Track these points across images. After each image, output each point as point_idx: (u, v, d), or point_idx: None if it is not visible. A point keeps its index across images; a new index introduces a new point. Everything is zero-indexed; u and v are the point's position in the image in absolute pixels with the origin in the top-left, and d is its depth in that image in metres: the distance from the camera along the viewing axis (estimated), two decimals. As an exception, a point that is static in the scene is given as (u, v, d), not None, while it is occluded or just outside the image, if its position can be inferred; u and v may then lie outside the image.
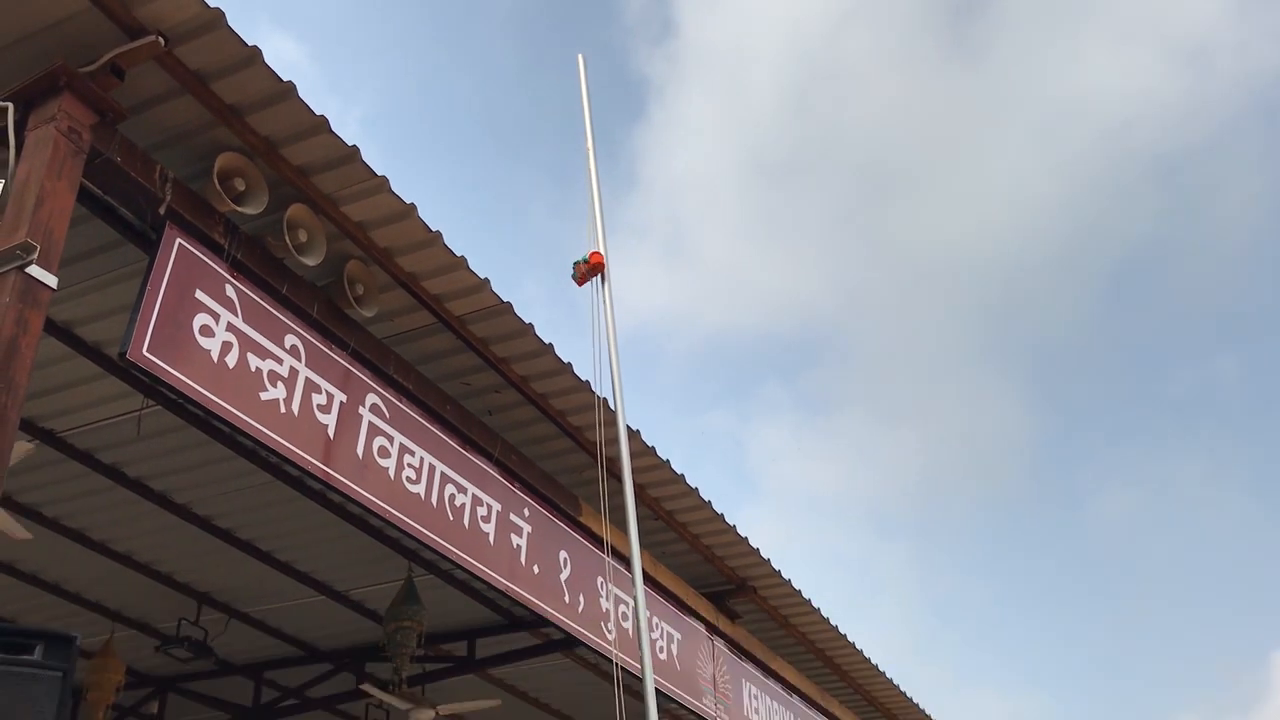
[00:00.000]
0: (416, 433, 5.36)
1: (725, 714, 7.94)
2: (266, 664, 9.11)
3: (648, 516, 7.22)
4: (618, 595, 6.87)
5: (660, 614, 7.38)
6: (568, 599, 6.37)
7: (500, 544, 5.85)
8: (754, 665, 8.70)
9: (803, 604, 8.77)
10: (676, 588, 7.74)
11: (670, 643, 7.47)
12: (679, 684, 7.40)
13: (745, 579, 8.33)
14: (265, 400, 4.46)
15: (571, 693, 9.91)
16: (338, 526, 7.00)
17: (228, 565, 7.48)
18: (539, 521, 6.24)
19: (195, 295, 4.26)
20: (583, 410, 6.21)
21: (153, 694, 9.37)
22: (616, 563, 6.86)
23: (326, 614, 8.26)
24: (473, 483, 5.71)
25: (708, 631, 8.04)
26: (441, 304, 5.40)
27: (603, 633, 6.67)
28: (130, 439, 6.05)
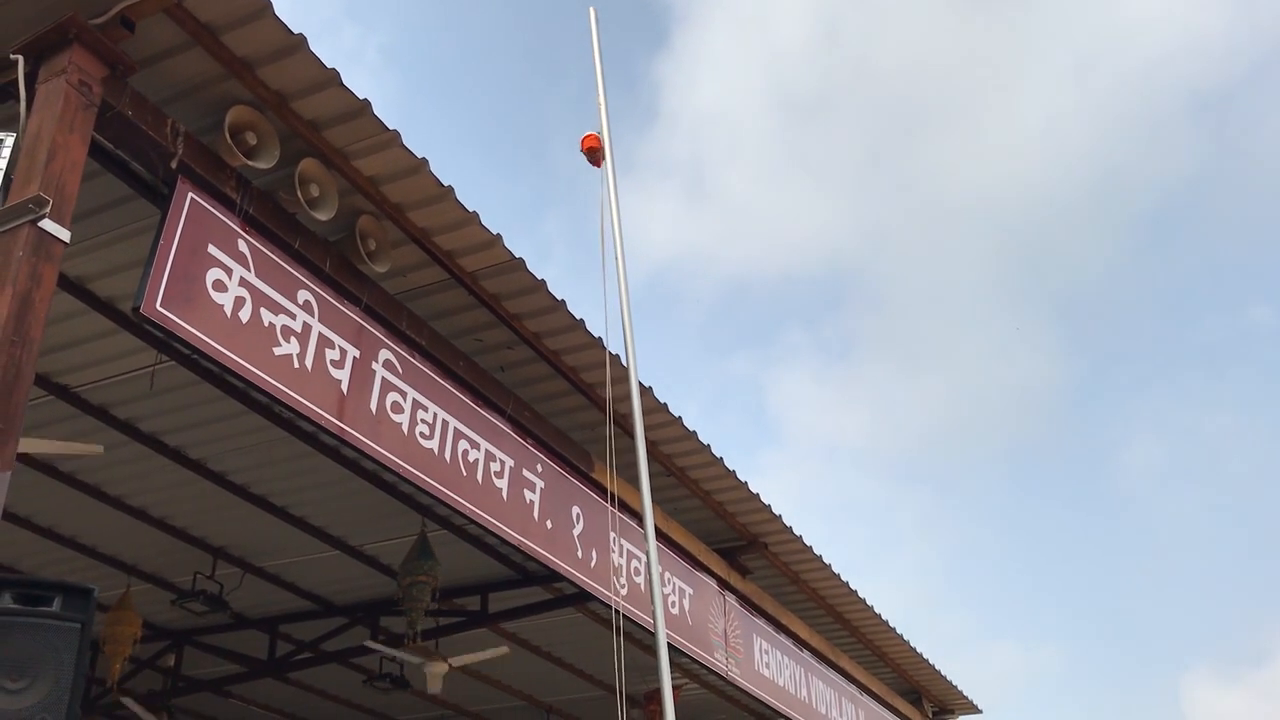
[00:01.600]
0: (429, 388, 5.36)
1: (736, 668, 8.01)
2: (281, 618, 9.20)
3: (659, 473, 7.24)
4: (630, 550, 6.91)
5: (672, 569, 7.42)
6: (580, 554, 6.41)
7: (513, 499, 5.87)
8: (765, 620, 8.75)
9: (814, 560, 8.81)
10: (688, 543, 7.78)
11: (682, 598, 7.51)
12: (690, 638, 7.46)
13: (757, 535, 8.37)
14: (278, 355, 4.46)
15: (583, 647, 9.99)
16: (351, 482, 7.04)
17: (242, 520, 7.54)
18: (551, 477, 6.26)
19: (208, 250, 4.25)
20: (595, 367, 6.21)
21: (169, 647, 9.49)
22: (628, 518, 6.89)
23: (340, 569, 8.33)
24: (486, 438, 5.73)
25: (719, 587, 8.09)
26: (453, 260, 5.39)
27: (614, 587, 6.71)
28: (144, 394, 6.07)
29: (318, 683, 10.48)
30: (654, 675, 5.11)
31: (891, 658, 11.09)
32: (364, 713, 11.46)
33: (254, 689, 10.36)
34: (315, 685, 10.56)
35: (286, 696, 10.78)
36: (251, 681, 9.93)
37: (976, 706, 12.63)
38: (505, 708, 11.63)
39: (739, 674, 8.04)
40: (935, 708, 12.55)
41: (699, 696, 11.20)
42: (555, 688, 11.16)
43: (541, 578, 8.38)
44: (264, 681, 9.98)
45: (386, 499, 7.27)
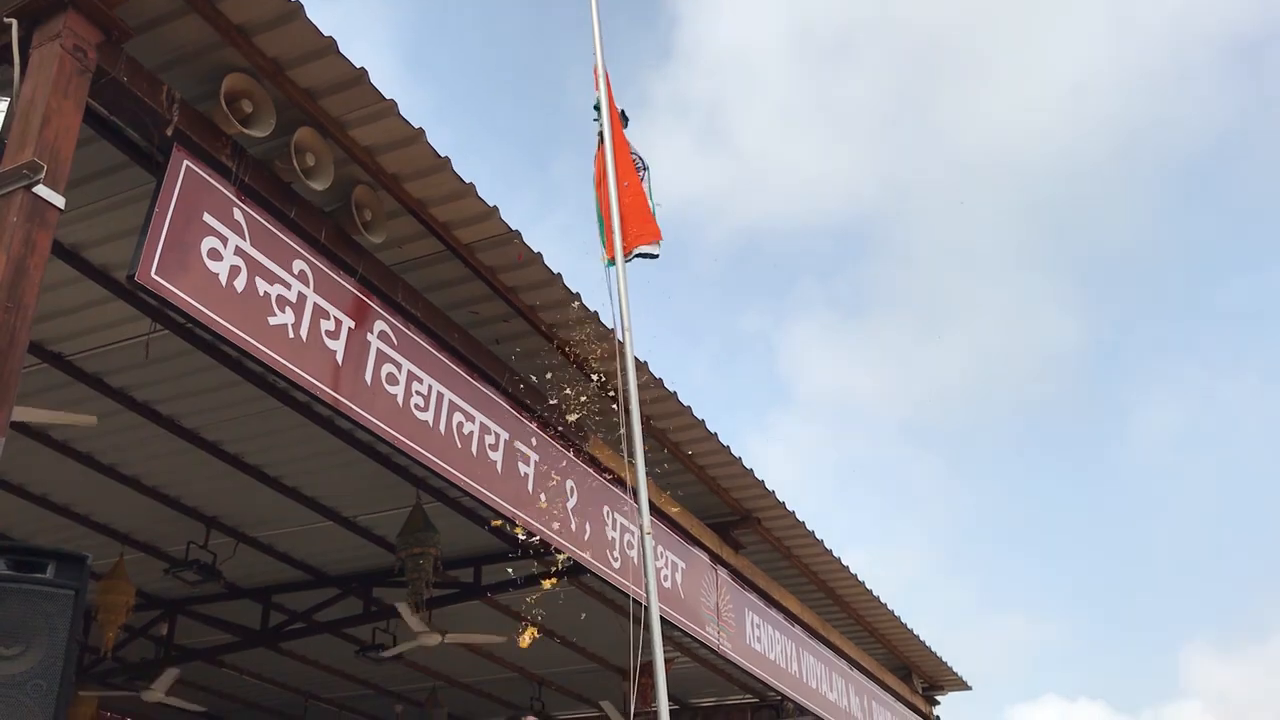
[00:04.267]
0: (424, 360, 5.36)
1: (728, 642, 8.05)
2: (274, 588, 9.23)
3: (654, 447, 7.26)
4: (623, 524, 6.92)
5: (665, 543, 7.45)
6: (574, 527, 6.43)
7: (507, 472, 5.88)
8: (757, 595, 8.80)
9: (806, 535, 8.85)
10: (682, 518, 7.81)
11: (675, 571, 7.55)
12: (683, 612, 7.50)
13: (750, 510, 8.40)
14: (273, 325, 4.45)
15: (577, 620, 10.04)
16: (346, 453, 7.05)
17: (236, 490, 7.55)
18: (546, 451, 6.27)
19: (203, 218, 4.24)
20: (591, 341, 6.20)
21: (162, 615, 9.52)
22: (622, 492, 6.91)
23: (334, 539, 8.35)
24: (480, 411, 5.73)
25: (712, 561, 8.12)
26: (449, 231, 5.37)
27: (608, 560, 6.74)
28: (138, 363, 6.07)
29: (310, 653, 10.53)
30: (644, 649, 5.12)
31: (882, 634, 11.16)
32: (356, 683, 11.53)
33: (247, 658, 10.41)
34: (308, 655, 10.61)
35: (279, 666, 10.84)
36: (244, 651, 9.97)
37: (966, 683, 12.73)
38: (496, 679, 11.70)
39: (730, 648, 8.09)
40: (925, 684, 12.65)
41: (690, 670, 11.27)
42: (547, 660, 11.22)
43: (535, 550, 8.40)
44: (257, 651, 10.02)
45: (381, 470, 7.28)
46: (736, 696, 12.54)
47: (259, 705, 12.27)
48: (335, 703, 12.35)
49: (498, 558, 8.66)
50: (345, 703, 12.37)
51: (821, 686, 9.73)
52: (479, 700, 12.32)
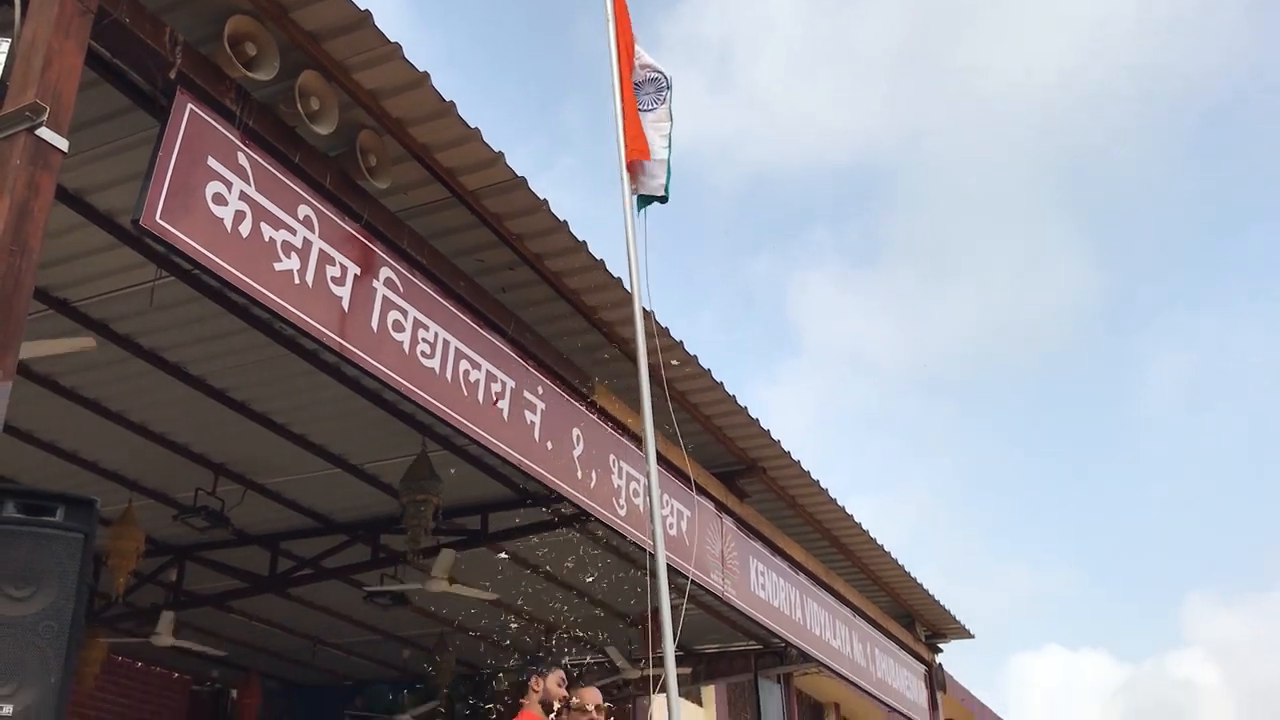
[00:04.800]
0: (431, 308, 5.35)
1: (732, 589, 8.11)
2: (282, 535, 9.30)
3: (660, 397, 7.20)
4: (629, 472, 6.95)
5: (671, 492, 7.48)
6: (580, 475, 6.44)
7: (514, 420, 5.89)
8: (762, 543, 8.85)
9: (810, 484, 8.88)
10: (688, 467, 7.81)
11: (680, 520, 7.57)
12: (688, 559, 7.53)
13: (755, 459, 8.42)
14: (279, 271, 4.44)
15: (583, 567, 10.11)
16: (352, 400, 7.06)
17: (243, 437, 7.58)
18: (553, 399, 6.27)
19: (207, 162, 4.21)
20: (598, 290, 6.18)
21: (171, 561, 9.61)
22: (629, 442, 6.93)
23: (340, 487, 8.40)
24: (487, 359, 5.72)
25: (717, 510, 8.16)
26: (455, 178, 5.33)
27: (614, 508, 6.76)
28: (144, 310, 6.06)
29: (318, 598, 10.64)
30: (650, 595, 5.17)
31: (885, 582, 11.24)
32: (364, 628, 11.66)
33: (255, 604, 10.53)
34: (315, 601, 10.72)
35: (287, 611, 10.96)
36: (253, 597, 10.08)
37: (968, 631, 12.84)
38: (503, 625, 11.81)
39: (735, 594, 8.14)
40: (928, 631, 12.76)
41: (695, 617, 11.37)
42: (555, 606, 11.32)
43: (541, 498, 8.47)
44: (265, 597, 10.13)
45: (387, 418, 7.30)
46: (740, 643, 12.69)
47: (267, 650, 12.42)
48: (343, 648, 12.51)
49: (505, 505, 8.73)
50: (353, 648, 12.52)
51: (825, 633, 9.81)
52: (487, 647, 12.46)
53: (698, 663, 12.90)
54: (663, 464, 7.14)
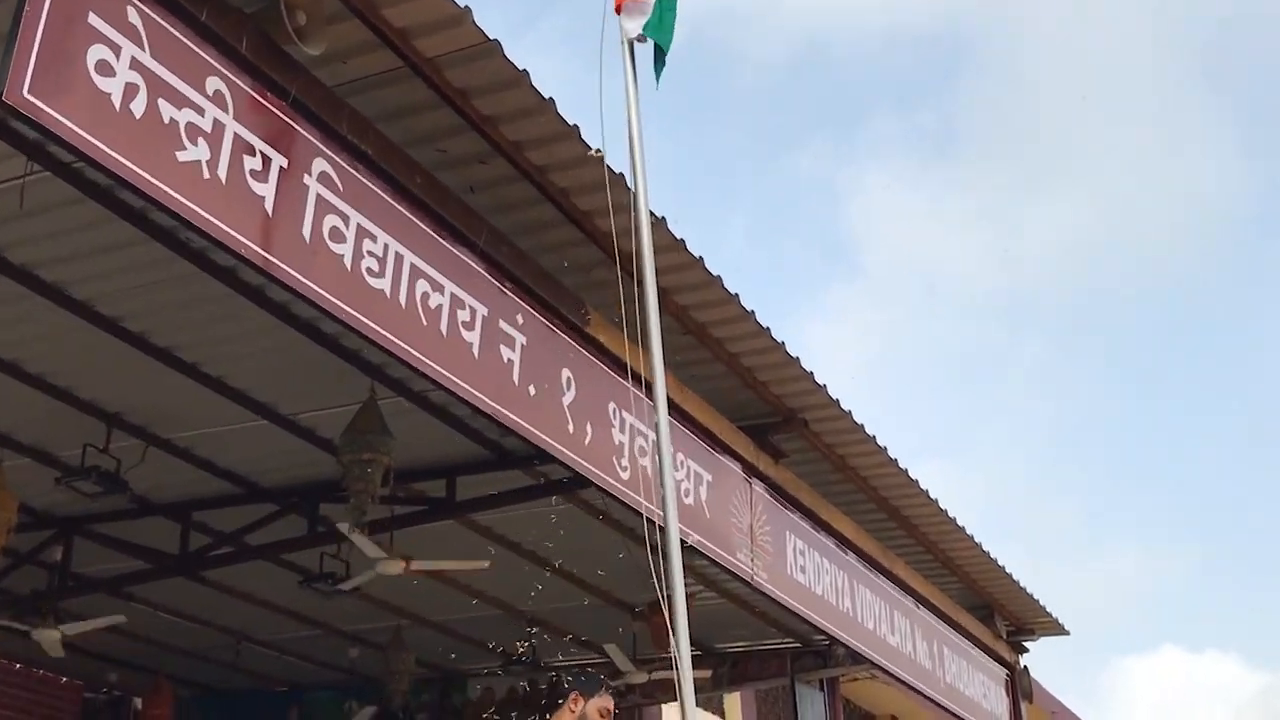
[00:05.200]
0: (378, 212, 5.28)
1: (764, 572, 8.13)
2: (195, 503, 9.34)
3: (674, 329, 7.22)
4: (633, 426, 6.93)
5: (687, 450, 7.46)
6: (572, 428, 6.42)
7: (487, 358, 5.85)
8: (801, 515, 8.86)
9: (865, 442, 8.86)
10: (708, 419, 7.81)
11: (698, 485, 7.58)
12: (708, 535, 7.54)
13: (794, 409, 8.40)
14: (184, 162, 4.36)
15: (573, 545, 10.14)
16: (281, 332, 7.03)
17: (143, 380, 7.56)
18: (536, 331, 6.23)
19: (88, 20, 4.11)
20: (594, 190, 6.11)
21: (55, 536, 9.64)
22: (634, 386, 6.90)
23: (268, 443, 8.41)
24: (451, 279, 5.67)
25: (745, 473, 8.15)
26: (408, 41, 5.24)
27: (615, 470, 6.76)
28: (13, 215, 5.99)
29: (241, 583, 10.72)
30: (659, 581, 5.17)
31: (958, 564, 11.28)
32: (299, 620, 11.76)
33: (161, 590, 10.60)
34: (238, 586, 10.80)
35: (202, 599, 11.04)
36: (158, 581, 10.14)
37: (1062, 626, 12.91)
38: (475, 618, 11.92)
39: (766, 579, 8.16)
40: (1010, 626, 12.83)
41: (716, 607, 11.45)
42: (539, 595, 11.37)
43: (522, 458, 8.50)
44: (174, 581, 10.19)
45: (326, 356, 7.28)
46: (773, 640, 12.79)
47: (178, 649, 12.55)
48: (274, 646, 12.63)
49: (476, 468, 8.75)
50: (287, 645, 12.65)
51: (880, 628, 9.86)
52: (454, 643, 12.58)
53: (720, 664, 13.01)
54: (676, 415, 7.12)
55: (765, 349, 7.69)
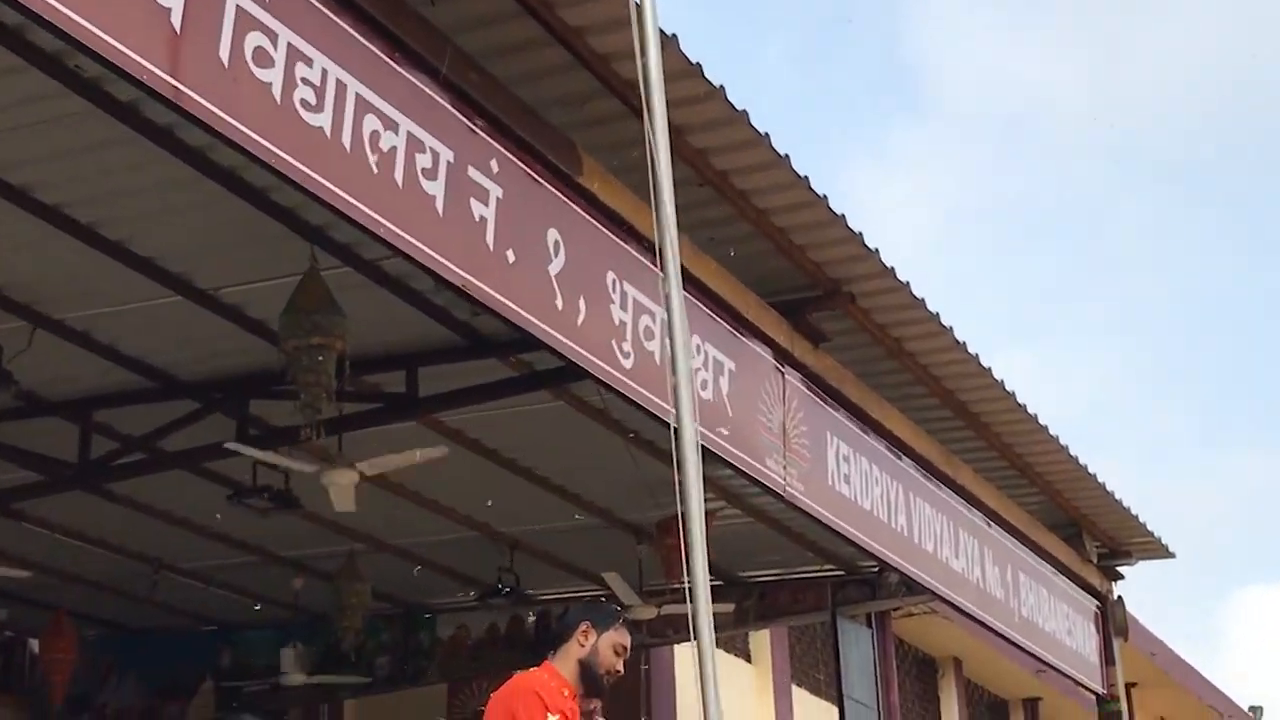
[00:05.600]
0: (315, 28, 5.18)
1: (799, 482, 8.14)
2: (97, 400, 9.37)
3: (689, 180, 7.14)
4: (638, 301, 6.90)
5: (705, 332, 7.43)
6: (561, 305, 6.38)
7: (454, 216, 5.79)
8: (846, 413, 8.84)
9: (927, 321, 8.81)
10: (731, 294, 7.76)
11: (719, 376, 7.56)
12: (731, 437, 7.54)
13: (838, 281, 8.34)
14: (66, -35, 4.25)
15: (565, 451, 10.17)
16: (198, 186, 7.00)
17: (26, 245, 7.55)
18: (515, 181, 6.16)
19: None
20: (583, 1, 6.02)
21: (-74, 442, 9.66)
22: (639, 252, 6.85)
23: (186, 325, 8.41)
24: (408, 115, 5.59)
25: (777, 361, 8.12)
26: None
27: (615, 358, 6.74)
28: None
29: (156, 499, 10.78)
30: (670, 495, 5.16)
31: (1039, 473, 11.28)
32: (229, 545, 11.86)
33: (59, 507, 10.68)
34: (153, 503, 10.87)
35: (109, 519, 11.12)
36: (54, 496, 10.19)
37: (1167, 549, 12.97)
38: (446, 541, 12.01)
39: (802, 491, 8.16)
40: (1102, 548, 12.89)
41: (740, 527, 11.52)
42: (523, 513, 11.44)
43: (500, 344, 8.49)
44: (73, 496, 10.25)
45: (254, 215, 7.26)
46: (810, 567, 12.89)
47: (81, 580, 12.66)
48: (199, 576, 12.76)
49: (443, 356, 8.76)
50: (214, 574, 12.76)
51: (941, 550, 9.89)
52: (420, 572, 12.68)
53: (745, 597, 13.12)
54: (691, 288, 7.07)
55: (803, 204, 7.61)
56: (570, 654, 5.50)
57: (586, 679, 5.47)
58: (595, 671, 5.48)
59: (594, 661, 5.49)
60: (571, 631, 5.54)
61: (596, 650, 5.49)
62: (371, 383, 8.93)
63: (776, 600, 13.30)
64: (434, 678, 14.07)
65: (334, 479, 9.16)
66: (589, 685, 5.48)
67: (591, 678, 5.48)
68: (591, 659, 5.48)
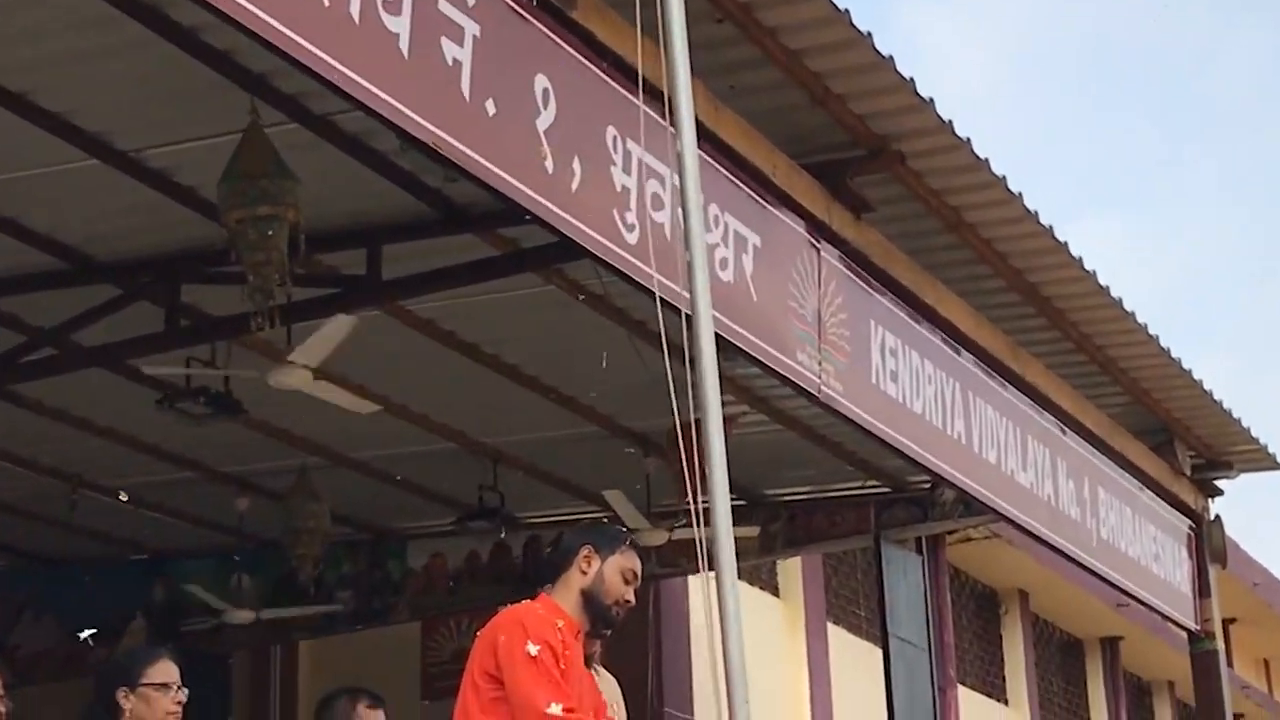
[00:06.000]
0: None
1: (836, 381, 8.13)
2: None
3: (704, 15, 7.08)
4: (646, 164, 6.86)
5: (724, 200, 7.40)
6: (551, 166, 6.35)
7: (422, 58, 5.74)
8: (893, 297, 8.81)
9: (988, 186, 8.76)
10: (756, 153, 7.72)
11: (741, 253, 7.54)
12: (755, 327, 7.53)
13: (885, 138, 8.29)
14: None
15: (557, 346, 10.17)
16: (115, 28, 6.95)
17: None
18: (496, 17, 6.09)
19: None
20: None
21: None
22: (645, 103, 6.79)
23: (104, 195, 8.40)
24: (366, -64, 5.52)
25: (811, 235, 8.09)
26: None
27: (617, 232, 6.72)
28: None
29: (72, 403, 10.85)
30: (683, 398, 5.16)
31: (1123, 369, 11.28)
32: (162, 459, 11.89)
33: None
34: (68, 407, 10.94)
35: (16, 426, 11.20)
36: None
37: (1274, 458, 12.98)
38: (417, 454, 12.05)
39: (840, 391, 8.15)
40: (1198, 457, 12.91)
41: (767, 436, 11.54)
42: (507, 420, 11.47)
43: (476, 217, 8.49)
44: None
45: (184, 61, 7.24)
46: (849, 483, 12.92)
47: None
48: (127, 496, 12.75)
49: (411, 231, 8.76)
50: (142, 492, 12.81)
51: (1006, 461, 9.89)
52: (388, 491, 12.74)
53: (772, 519, 13.19)
54: (708, 146, 7.04)
55: (843, 44, 7.56)
56: (571, 584, 5.43)
57: (592, 611, 5.42)
58: (602, 602, 5.43)
59: (599, 590, 5.43)
60: (571, 558, 5.48)
61: (602, 577, 5.42)
62: (326, 264, 8.91)
63: (809, 523, 13.37)
64: (404, 615, 14.19)
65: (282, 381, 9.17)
66: (595, 619, 5.42)
67: (598, 610, 5.42)
68: (596, 588, 5.42)
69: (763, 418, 11.21)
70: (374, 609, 14.07)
